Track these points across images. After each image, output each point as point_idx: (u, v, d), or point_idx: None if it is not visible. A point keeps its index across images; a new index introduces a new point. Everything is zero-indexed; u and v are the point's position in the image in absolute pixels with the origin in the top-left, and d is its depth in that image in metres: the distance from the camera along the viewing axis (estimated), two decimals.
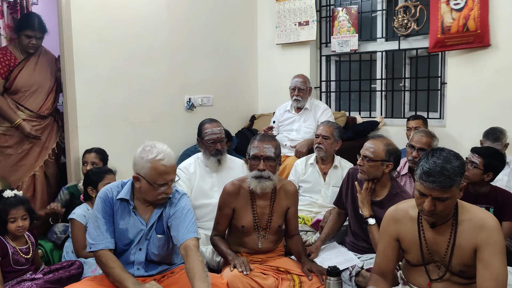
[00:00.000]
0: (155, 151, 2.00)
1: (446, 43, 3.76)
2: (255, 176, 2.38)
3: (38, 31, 3.23)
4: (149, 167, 1.98)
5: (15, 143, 3.23)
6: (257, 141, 2.41)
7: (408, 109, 4.32)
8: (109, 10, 3.53)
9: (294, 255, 2.51)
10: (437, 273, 1.85)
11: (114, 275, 1.97)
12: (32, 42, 3.22)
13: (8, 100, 3.18)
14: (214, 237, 2.49)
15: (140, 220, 2.09)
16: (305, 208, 3.19)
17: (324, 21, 4.65)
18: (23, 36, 3.19)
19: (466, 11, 3.62)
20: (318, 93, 4.74)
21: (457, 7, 3.66)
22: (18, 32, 3.20)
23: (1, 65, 3.13)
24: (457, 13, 3.67)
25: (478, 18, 3.57)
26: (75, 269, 2.45)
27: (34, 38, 3.22)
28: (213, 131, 2.99)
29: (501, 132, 3.27)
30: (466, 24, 3.62)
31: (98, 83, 3.50)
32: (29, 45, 3.22)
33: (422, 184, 1.72)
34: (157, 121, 3.96)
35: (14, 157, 3.23)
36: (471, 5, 3.59)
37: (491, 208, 2.62)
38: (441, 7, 3.74)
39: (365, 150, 2.47)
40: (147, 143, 2.06)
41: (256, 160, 2.38)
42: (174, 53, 4.06)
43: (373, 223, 2.42)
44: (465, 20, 3.62)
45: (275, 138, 2.53)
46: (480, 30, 3.58)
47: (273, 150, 2.39)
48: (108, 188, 2.11)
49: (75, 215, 2.74)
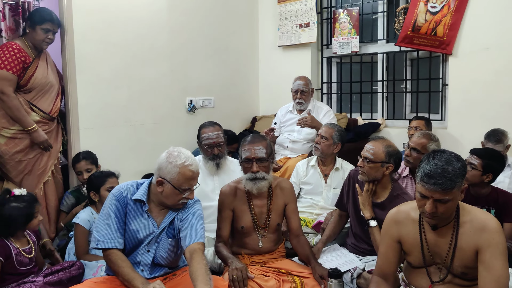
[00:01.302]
0: (183, 157, 2.04)
1: (413, 41, 3.90)
2: (249, 178, 2.39)
3: (57, 24, 3.11)
4: (177, 172, 2.01)
5: (26, 148, 3.03)
6: (248, 143, 2.41)
7: (410, 111, 4.32)
8: (110, 12, 3.54)
9: (302, 258, 2.48)
10: (438, 275, 1.85)
11: (123, 274, 1.97)
12: (50, 36, 3.06)
13: (20, 99, 2.99)
14: (218, 245, 2.44)
15: (152, 223, 2.10)
16: (307, 210, 3.19)
17: (325, 23, 4.65)
18: (40, 30, 3.01)
19: (439, 16, 3.71)
20: (320, 95, 4.75)
21: (432, 10, 3.75)
22: (34, 26, 3.01)
23: (16, 61, 2.94)
24: (430, 16, 3.77)
25: (448, 26, 3.68)
26: (75, 270, 2.45)
27: (52, 33, 3.08)
28: (209, 136, 2.98)
29: (502, 133, 3.27)
30: (436, 28, 3.72)
31: (99, 85, 3.51)
32: (46, 40, 3.06)
33: (423, 186, 1.72)
34: (158, 123, 3.97)
35: (26, 163, 3.04)
36: (446, 12, 3.68)
37: (492, 209, 2.62)
38: (419, 6, 3.81)
39: (365, 151, 2.47)
40: (171, 149, 2.08)
41: (248, 162, 2.39)
42: (175, 54, 4.07)
43: (374, 225, 2.42)
44: (436, 24, 3.73)
45: (264, 137, 2.52)
46: (446, 37, 3.72)
47: (264, 150, 2.39)
48: (123, 187, 2.12)
49: (79, 219, 2.74)
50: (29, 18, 3.07)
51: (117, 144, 3.61)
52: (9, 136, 2.97)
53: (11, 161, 2.99)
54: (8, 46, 2.95)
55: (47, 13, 3.06)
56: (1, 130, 2.95)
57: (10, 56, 2.92)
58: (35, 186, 3.08)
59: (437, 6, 3.70)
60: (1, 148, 2.96)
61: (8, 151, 2.97)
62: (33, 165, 3.07)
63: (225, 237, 2.47)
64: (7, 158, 2.98)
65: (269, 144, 2.48)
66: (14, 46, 2.95)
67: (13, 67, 2.92)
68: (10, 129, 2.97)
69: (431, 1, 3.73)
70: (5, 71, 2.90)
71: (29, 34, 3.05)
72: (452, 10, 3.63)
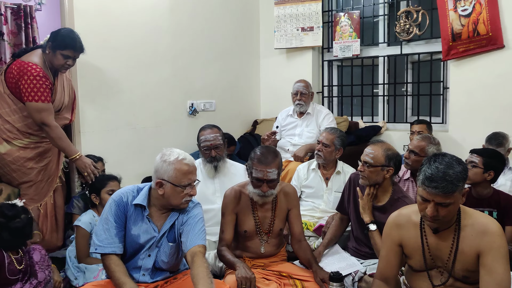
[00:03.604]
0: (175, 153, 2.05)
1: (459, 50, 3.75)
2: (258, 194, 2.37)
3: (78, 52, 2.92)
4: (173, 169, 2.01)
5: (37, 155, 2.91)
6: (261, 164, 2.32)
7: (411, 114, 4.32)
8: (112, 16, 3.55)
9: (304, 262, 2.47)
10: (440, 278, 1.85)
11: (115, 279, 1.97)
12: (69, 63, 2.88)
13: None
14: (221, 248, 2.41)
15: (153, 227, 2.10)
16: (308, 213, 3.18)
17: (326, 26, 4.65)
18: (60, 55, 2.83)
19: (474, 15, 3.63)
20: (321, 98, 4.75)
21: (465, 13, 3.67)
22: (55, 49, 2.83)
23: (47, 89, 2.81)
24: (465, 19, 3.68)
25: (488, 21, 3.58)
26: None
27: (72, 59, 2.90)
28: (207, 138, 2.98)
29: (503, 137, 3.27)
30: (476, 28, 3.63)
31: (101, 89, 3.51)
32: (65, 66, 2.89)
33: (424, 190, 1.72)
34: (160, 126, 3.97)
35: (38, 171, 2.92)
36: (479, 9, 3.60)
37: (495, 211, 2.61)
38: (449, 15, 3.74)
39: (365, 155, 2.47)
40: (164, 150, 2.09)
41: (259, 182, 2.35)
42: (176, 58, 4.08)
43: (374, 229, 2.42)
44: (475, 25, 3.64)
45: (277, 153, 2.42)
46: (491, 33, 3.59)
47: (276, 171, 2.34)
48: (123, 192, 2.11)
49: (80, 222, 2.73)
50: (51, 39, 2.86)
51: (118, 148, 3.61)
52: (21, 146, 2.87)
53: (22, 168, 2.87)
54: (35, 75, 2.77)
55: (71, 39, 2.86)
56: (13, 140, 2.84)
57: (40, 86, 2.77)
58: (46, 193, 2.99)
59: (468, 8, 3.64)
60: (13, 155, 2.84)
61: (20, 158, 2.85)
62: (45, 171, 2.97)
63: (228, 240, 2.45)
64: (18, 165, 2.86)
65: (281, 160, 2.42)
66: (41, 74, 2.79)
67: (47, 96, 2.80)
68: (24, 140, 2.87)
69: (459, 6, 3.67)
70: (41, 102, 2.77)
71: (48, 55, 2.87)
72: (485, 5, 3.56)
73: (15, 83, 2.80)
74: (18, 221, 2.26)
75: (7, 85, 2.84)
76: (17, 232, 2.25)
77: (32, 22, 3.23)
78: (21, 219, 2.27)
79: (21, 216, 2.28)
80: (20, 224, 2.26)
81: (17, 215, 2.27)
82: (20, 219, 2.27)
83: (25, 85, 2.77)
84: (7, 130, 2.83)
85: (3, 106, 2.84)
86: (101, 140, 3.50)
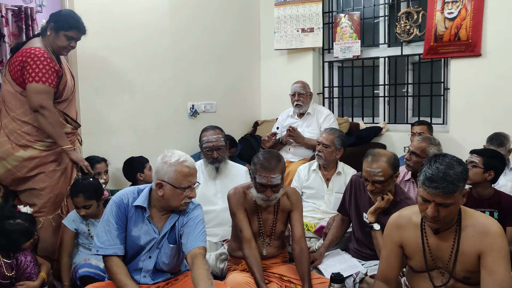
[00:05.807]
0: (176, 155, 2.05)
1: (439, 51, 3.85)
2: (262, 199, 2.35)
3: (82, 33, 2.80)
4: (173, 171, 2.01)
5: (58, 157, 2.77)
6: (264, 170, 2.28)
7: (411, 115, 4.32)
8: (113, 18, 3.56)
9: (299, 273, 2.37)
10: (440, 279, 1.84)
11: (116, 281, 1.98)
12: (72, 44, 2.76)
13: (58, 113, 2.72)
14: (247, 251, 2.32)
15: (153, 229, 2.09)
16: (309, 214, 3.18)
17: (327, 27, 4.66)
18: (63, 36, 2.70)
19: (458, 20, 3.69)
20: (321, 99, 4.75)
21: (450, 16, 3.73)
22: (58, 30, 2.69)
23: (50, 71, 2.64)
24: (450, 22, 3.75)
25: (470, 28, 3.65)
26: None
27: (75, 40, 2.78)
28: (209, 139, 2.98)
29: (504, 137, 3.26)
30: (458, 33, 3.70)
31: (101, 90, 3.52)
32: (67, 47, 2.76)
33: (425, 190, 1.72)
34: (161, 128, 3.97)
35: (60, 173, 2.79)
36: (464, 15, 3.66)
37: (496, 212, 2.61)
38: (435, 15, 3.80)
39: (373, 176, 2.37)
40: (165, 151, 2.09)
41: (263, 187, 2.33)
42: (177, 59, 4.08)
43: (378, 229, 2.40)
44: (457, 29, 3.71)
45: (280, 157, 2.39)
46: (471, 39, 3.67)
47: (280, 176, 2.32)
48: (123, 194, 2.11)
49: (65, 219, 2.65)
50: (53, 21, 2.71)
51: (119, 149, 3.61)
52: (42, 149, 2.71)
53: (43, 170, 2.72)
54: (39, 55, 2.61)
55: (75, 20, 2.75)
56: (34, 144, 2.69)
57: (44, 67, 2.61)
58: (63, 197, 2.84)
59: (454, 12, 3.69)
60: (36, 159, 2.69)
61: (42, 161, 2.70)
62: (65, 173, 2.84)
63: (251, 237, 2.36)
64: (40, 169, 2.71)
65: (283, 164, 2.40)
66: (46, 55, 2.64)
67: (48, 78, 2.62)
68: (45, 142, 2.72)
69: (446, 8, 3.72)
70: (41, 83, 2.60)
71: (50, 37, 2.72)
72: (470, 12, 3.61)
73: (21, 75, 2.64)
74: (12, 223, 2.26)
75: (15, 82, 2.68)
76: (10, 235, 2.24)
77: (33, 24, 3.25)
78: (17, 223, 2.26)
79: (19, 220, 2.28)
80: (13, 228, 2.24)
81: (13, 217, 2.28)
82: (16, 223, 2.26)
83: (30, 68, 2.60)
84: (25, 133, 2.67)
85: (16, 107, 2.67)
86: (102, 142, 3.51)
